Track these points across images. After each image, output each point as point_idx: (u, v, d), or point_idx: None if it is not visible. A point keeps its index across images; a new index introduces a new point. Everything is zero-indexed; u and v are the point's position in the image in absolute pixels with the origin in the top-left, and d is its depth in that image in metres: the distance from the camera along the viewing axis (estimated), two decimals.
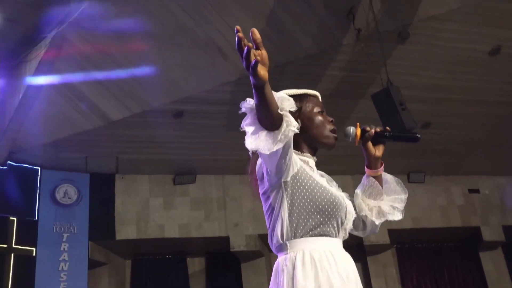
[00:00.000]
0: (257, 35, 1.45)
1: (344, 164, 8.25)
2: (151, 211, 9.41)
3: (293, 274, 1.64)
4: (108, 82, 7.02)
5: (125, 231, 9.15)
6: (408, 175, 10.83)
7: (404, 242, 11.20)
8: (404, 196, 1.99)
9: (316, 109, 1.92)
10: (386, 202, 1.96)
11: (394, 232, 10.25)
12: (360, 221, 1.94)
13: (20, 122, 7.34)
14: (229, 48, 6.67)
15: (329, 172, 1.94)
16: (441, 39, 7.06)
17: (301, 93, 1.93)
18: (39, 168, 8.61)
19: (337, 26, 6.69)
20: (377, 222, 1.95)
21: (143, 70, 6.91)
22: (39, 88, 6.90)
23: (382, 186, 1.95)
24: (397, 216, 1.96)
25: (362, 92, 7.58)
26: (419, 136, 1.90)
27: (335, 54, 7.05)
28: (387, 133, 1.90)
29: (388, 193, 1.98)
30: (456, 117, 8.82)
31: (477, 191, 11.33)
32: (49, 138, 7.83)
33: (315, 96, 1.97)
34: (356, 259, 1.97)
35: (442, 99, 8.25)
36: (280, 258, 1.73)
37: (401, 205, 1.98)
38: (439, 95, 8.07)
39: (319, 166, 1.93)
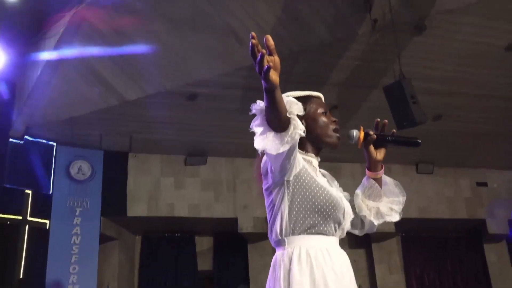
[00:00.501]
0: (271, 42, 1.47)
1: (354, 152, 8.21)
2: (162, 190, 9.47)
3: (290, 269, 1.68)
4: (124, 63, 7.02)
5: (136, 208, 9.23)
6: (417, 166, 10.78)
7: (410, 231, 11.19)
8: (402, 199, 2.02)
9: (319, 110, 1.95)
10: (384, 204, 2.00)
11: (400, 221, 9.95)
12: (359, 220, 1.97)
13: (37, 98, 7.38)
14: (245, 34, 6.62)
15: (339, 159, 1.96)
16: (457, 33, 6.94)
17: (305, 95, 1.97)
18: (55, 144, 8.68)
19: (353, 16, 6.61)
20: (376, 222, 1.99)
21: (159, 52, 6.89)
22: (57, 66, 6.91)
23: (381, 188, 1.98)
24: (395, 218, 2.00)
25: (374, 82, 7.50)
26: (419, 141, 1.93)
27: (350, 43, 6.96)
28: (389, 138, 1.93)
29: (387, 194, 2.01)
30: (467, 111, 8.72)
31: (485, 184, 11.26)
32: (65, 115, 7.86)
33: (318, 98, 2.01)
34: (361, 246, 2.02)
35: (455, 92, 8.15)
36: (278, 253, 1.77)
37: (398, 207, 2.01)
38: (452, 88, 7.97)
39: (330, 153, 1.95)
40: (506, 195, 11.31)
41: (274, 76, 1.51)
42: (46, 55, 6.82)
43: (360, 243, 10.20)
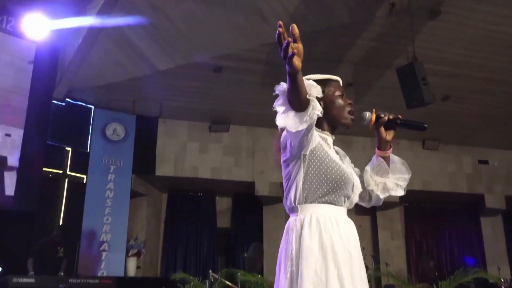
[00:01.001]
0: (296, 31, 1.49)
1: (364, 127, 8.15)
2: (187, 153, 9.57)
3: (301, 233, 1.73)
4: (157, 35, 7.00)
5: (164, 168, 9.35)
6: (424, 142, 10.68)
7: (412, 201, 11.18)
8: (407, 176, 2.03)
9: (337, 93, 1.95)
10: (391, 180, 2.01)
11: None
12: (367, 193, 2.00)
13: (78, 65, 7.44)
14: (269, 12, 6.53)
15: (350, 133, 1.97)
16: (471, 19, 6.74)
17: (324, 78, 1.95)
18: (93, 107, 8.78)
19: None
20: (382, 196, 2.01)
21: (190, 26, 6.86)
22: (96, 35, 6.92)
23: (389, 166, 2.00)
24: (400, 193, 2.01)
25: (388, 63, 7.37)
26: (426, 126, 1.91)
27: (368, 25, 6.82)
28: (398, 121, 1.93)
29: (394, 172, 2.02)
30: (474, 93, 8.55)
31: (486, 162, 11.13)
32: (102, 81, 7.93)
33: (337, 81, 2.00)
34: (366, 213, 2.06)
35: (464, 75, 7.98)
36: (291, 219, 1.81)
37: (404, 184, 2.02)
38: (462, 71, 7.79)
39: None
40: (505, 173, 11.17)
41: (297, 61, 1.53)
42: (87, 25, 6.82)
43: (365, 210, 10.18)
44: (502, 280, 8.75)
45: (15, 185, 7.14)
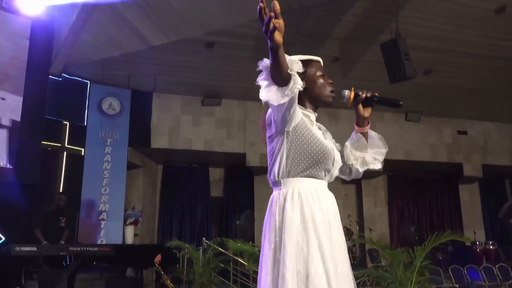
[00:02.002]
0: (277, 7, 1.50)
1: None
2: (181, 126, 9.57)
3: (284, 206, 1.78)
4: (150, 11, 6.89)
5: (159, 141, 9.36)
6: (406, 114, 10.76)
7: (395, 170, 11.33)
8: (384, 150, 2.07)
9: (318, 73, 1.96)
10: (369, 154, 2.06)
11: (387, 162, 10.11)
12: (347, 167, 2.05)
13: (73, 41, 7.33)
14: None
15: (337, 106, 1.98)
16: None
17: (306, 58, 1.97)
18: (89, 82, 8.70)
19: None
20: (361, 170, 2.06)
21: (183, 3, 6.75)
22: (90, 11, 6.80)
23: (367, 141, 2.05)
24: (377, 166, 2.07)
25: (373, 38, 7.36)
26: (401, 103, 1.97)
27: (353, 1, 6.78)
28: (375, 98, 1.97)
29: (372, 147, 2.07)
30: (455, 67, 8.59)
31: (465, 133, 11.26)
32: (98, 56, 7.83)
33: (318, 62, 2.01)
34: (352, 181, 2.11)
35: (445, 50, 8.00)
36: (275, 192, 1.86)
37: (381, 157, 2.07)
38: (443, 46, 7.81)
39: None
40: (482, 143, 11.32)
41: (278, 36, 1.54)
42: (81, 1, 6.68)
43: (351, 179, 10.33)
44: (478, 242, 9.02)
45: (15, 157, 7.12)
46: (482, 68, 8.69)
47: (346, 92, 1.97)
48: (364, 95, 1.96)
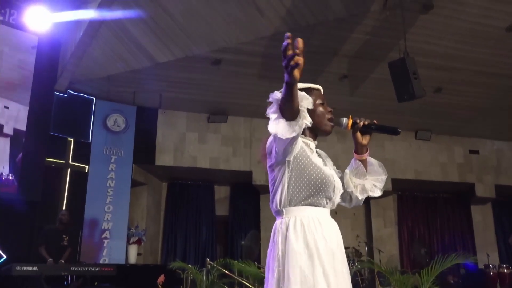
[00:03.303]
0: (301, 45, 1.50)
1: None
2: (186, 144, 9.59)
3: (286, 235, 1.79)
4: (156, 28, 6.99)
5: (164, 158, 9.38)
6: (416, 132, 10.71)
7: (405, 190, 11.25)
8: (384, 177, 2.08)
9: (318, 101, 1.98)
10: (369, 181, 2.07)
11: (397, 181, 10.28)
12: (348, 195, 2.06)
13: (79, 57, 7.43)
14: (266, 6, 6.52)
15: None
16: (462, 13, 6.75)
17: (306, 87, 1.99)
18: (94, 98, 8.78)
19: None
20: (360, 197, 2.07)
21: (189, 20, 6.84)
22: (97, 28, 6.91)
23: (367, 168, 2.06)
24: (377, 193, 2.07)
25: (382, 56, 7.38)
26: (399, 130, 1.97)
27: (362, 19, 6.83)
28: (373, 126, 1.98)
29: (372, 173, 2.07)
30: (466, 85, 8.57)
31: (477, 152, 11.18)
32: (103, 73, 7.92)
33: (318, 90, 2.03)
34: None
35: (456, 68, 8.00)
36: (277, 222, 1.88)
37: (380, 184, 2.08)
38: (453, 64, 7.82)
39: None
40: (494, 163, 11.23)
41: (297, 73, 1.55)
42: (88, 18, 6.80)
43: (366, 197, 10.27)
44: (491, 266, 8.87)
45: (19, 175, 7.17)
46: (493, 87, 8.67)
47: (344, 119, 1.99)
48: (362, 123, 1.98)
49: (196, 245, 10.07)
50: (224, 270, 6.00)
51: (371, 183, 2.06)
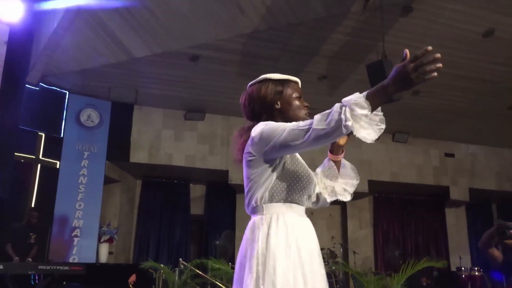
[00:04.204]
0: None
1: None
2: (162, 141, 9.52)
3: (268, 233, 1.74)
4: (134, 22, 6.90)
5: (138, 155, 9.28)
6: (393, 135, 10.87)
7: (381, 192, 11.42)
8: (356, 182, 2.05)
9: (295, 95, 1.95)
10: (339, 184, 2.04)
11: (373, 183, 10.42)
12: (315, 195, 2.03)
13: (53, 49, 7.27)
14: (247, 4, 6.51)
15: None
16: (441, 17, 6.87)
17: (284, 78, 1.96)
18: (67, 92, 8.63)
19: None
20: (329, 199, 2.05)
21: (168, 14, 6.78)
22: (72, 20, 6.77)
23: (339, 170, 2.04)
24: (346, 198, 2.05)
25: (361, 57, 7.46)
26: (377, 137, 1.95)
27: (342, 19, 6.88)
28: None
29: (343, 176, 2.05)
30: (443, 88, 8.73)
31: (452, 155, 11.42)
32: (78, 67, 7.79)
33: (295, 83, 2.00)
34: (336, 202, 2.09)
35: None
36: (256, 218, 1.81)
37: (351, 189, 2.05)
38: None
39: None
40: (469, 166, 11.48)
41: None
42: (63, 8, 6.66)
43: (336, 200, 10.38)
44: (463, 268, 9.07)
45: None
46: (470, 91, 8.87)
47: None
48: None
49: (170, 245, 10.00)
50: (197, 270, 5.97)
51: (342, 186, 2.03)
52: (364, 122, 1.55)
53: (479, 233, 11.56)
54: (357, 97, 1.56)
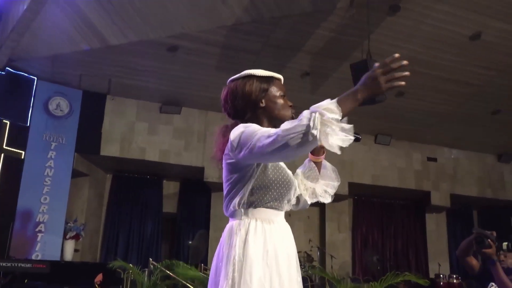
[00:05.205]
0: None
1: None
2: (135, 134, 9.45)
3: (246, 239, 1.76)
4: (110, 7, 6.83)
5: (109, 148, 9.20)
6: (376, 136, 11.02)
7: (361, 195, 11.57)
8: (336, 184, 2.09)
9: (279, 93, 1.96)
10: (320, 186, 2.08)
11: (354, 185, 10.56)
12: (295, 198, 2.05)
13: (21, 33, 7.14)
14: None
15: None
16: (428, 17, 7.02)
17: (268, 75, 1.98)
18: (36, 78, 8.48)
19: None
20: (309, 201, 2.08)
21: (145, 2, 6.74)
22: (43, 2, 6.67)
23: (320, 171, 2.08)
24: (327, 200, 2.09)
25: (345, 55, 7.57)
26: (360, 137, 1.93)
27: (328, 15, 6.96)
28: None
29: (324, 178, 2.09)
30: (427, 90, 8.91)
31: (434, 159, 11.64)
32: (48, 52, 7.67)
33: (279, 80, 2.02)
34: (315, 204, 2.12)
35: (418, 72, 8.27)
36: (234, 222, 1.83)
37: (332, 191, 2.09)
38: (417, 68, 8.09)
39: None
40: (451, 171, 11.73)
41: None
42: None
43: (315, 202, 10.48)
44: (441, 275, 9.28)
45: None
46: (454, 94, 9.07)
47: None
48: None
49: (140, 243, 9.96)
50: (168, 271, 5.97)
51: (323, 188, 2.07)
52: (334, 127, 1.54)
53: (459, 239, 11.82)
54: (327, 103, 1.58)
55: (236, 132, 1.76)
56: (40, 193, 8.27)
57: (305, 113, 1.57)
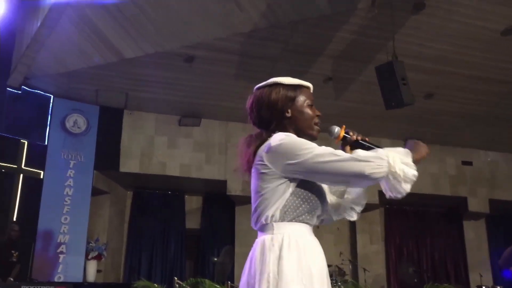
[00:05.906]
0: None
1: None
2: (155, 148, 9.55)
3: (280, 255, 1.74)
4: (124, 21, 6.96)
5: (129, 164, 9.31)
6: (405, 141, 10.83)
7: (393, 203, 11.39)
8: (363, 202, 2.08)
9: (307, 102, 1.95)
10: (347, 202, 2.06)
11: (384, 194, 10.40)
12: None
13: (36, 50, 7.34)
14: (246, 0, 6.57)
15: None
16: (455, 14, 6.92)
17: (297, 83, 1.97)
18: (52, 96, 8.68)
19: None
20: (335, 218, 2.07)
21: (160, 12, 6.85)
22: (57, 19, 6.85)
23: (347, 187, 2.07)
24: (353, 218, 2.08)
25: (369, 57, 7.52)
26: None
27: (349, 17, 6.93)
28: (365, 143, 1.96)
29: (351, 194, 2.07)
30: (458, 91, 8.78)
31: (470, 163, 11.42)
32: (63, 68, 7.85)
33: (308, 88, 2.00)
34: None
35: (448, 72, 8.19)
36: (266, 237, 1.81)
37: (359, 208, 2.07)
38: (445, 68, 8.01)
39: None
40: (489, 175, 11.48)
41: None
42: (47, 7, 6.74)
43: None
44: (484, 287, 9.06)
45: None
46: (488, 93, 8.91)
47: (336, 129, 1.97)
48: (354, 137, 1.95)
49: (163, 262, 10.01)
50: None
51: (349, 205, 2.05)
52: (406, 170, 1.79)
53: (501, 248, 11.53)
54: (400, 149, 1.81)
55: (277, 138, 1.78)
56: (61, 213, 8.41)
57: (381, 151, 1.76)
